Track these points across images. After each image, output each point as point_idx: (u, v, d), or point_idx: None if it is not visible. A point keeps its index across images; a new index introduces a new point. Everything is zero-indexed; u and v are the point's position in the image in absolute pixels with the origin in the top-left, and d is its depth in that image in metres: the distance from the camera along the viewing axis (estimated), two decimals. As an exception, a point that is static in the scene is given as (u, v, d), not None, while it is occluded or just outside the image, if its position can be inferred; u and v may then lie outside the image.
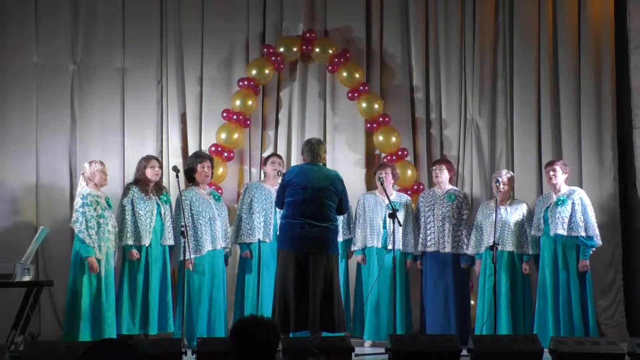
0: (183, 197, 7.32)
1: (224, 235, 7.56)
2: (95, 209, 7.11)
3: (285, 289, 6.74)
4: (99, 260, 7.08)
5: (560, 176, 7.54)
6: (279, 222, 7.14)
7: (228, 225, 7.66)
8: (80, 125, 8.30)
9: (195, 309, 7.36)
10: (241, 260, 7.71)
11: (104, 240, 7.12)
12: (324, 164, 7.16)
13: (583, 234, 7.43)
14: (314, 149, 6.95)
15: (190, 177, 7.57)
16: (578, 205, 7.46)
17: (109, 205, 7.26)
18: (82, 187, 7.25)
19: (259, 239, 7.61)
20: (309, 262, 6.72)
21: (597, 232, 7.51)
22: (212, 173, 7.66)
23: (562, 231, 7.41)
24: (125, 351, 3.10)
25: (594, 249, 7.54)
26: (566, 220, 7.42)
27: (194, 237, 7.37)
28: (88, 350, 3.08)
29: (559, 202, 7.46)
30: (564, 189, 7.56)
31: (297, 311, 6.67)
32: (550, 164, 7.69)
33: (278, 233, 7.05)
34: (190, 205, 7.40)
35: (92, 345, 3.12)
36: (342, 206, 7.03)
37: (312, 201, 6.75)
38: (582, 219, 7.44)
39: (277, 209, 7.30)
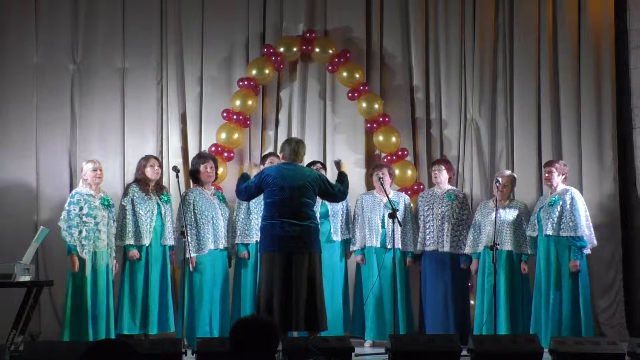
0: (187, 197, 7.34)
1: (227, 236, 7.57)
2: (81, 208, 7.11)
3: (269, 291, 6.71)
4: (83, 260, 7.07)
5: (556, 176, 7.52)
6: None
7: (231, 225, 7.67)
8: (80, 125, 8.30)
9: (196, 308, 7.36)
10: (238, 260, 7.71)
11: (91, 239, 7.11)
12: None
13: (572, 234, 7.40)
14: (295, 148, 6.93)
15: (195, 178, 7.60)
16: (568, 205, 7.42)
17: (106, 205, 7.24)
18: (78, 187, 7.28)
19: (256, 241, 7.61)
20: (292, 262, 6.71)
21: (587, 232, 7.46)
22: (216, 174, 7.67)
23: (550, 231, 7.40)
24: (127, 352, 3.09)
25: (586, 248, 7.50)
26: (556, 221, 7.41)
27: (196, 237, 7.38)
28: (89, 351, 3.07)
29: (551, 202, 7.46)
30: (560, 188, 7.56)
31: (282, 312, 6.65)
32: (548, 164, 7.69)
33: (259, 235, 7.04)
34: (194, 204, 7.42)
35: (93, 345, 3.11)
36: (329, 194, 6.93)
37: (291, 201, 6.74)
38: (572, 219, 7.41)
39: (241, 200, 7.34)
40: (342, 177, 7.19)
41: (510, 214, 7.62)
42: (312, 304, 6.71)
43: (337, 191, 7.00)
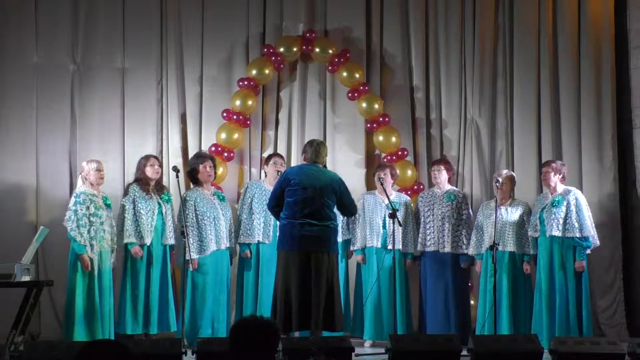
0: (187, 198, 7.34)
1: (228, 236, 7.57)
2: (87, 208, 7.11)
3: (287, 290, 6.74)
4: (91, 259, 7.08)
5: (552, 176, 7.52)
6: (278, 222, 7.11)
7: (232, 225, 7.67)
8: (80, 125, 8.29)
9: (199, 309, 7.36)
10: (240, 260, 7.72)
11: (97, 239, 7.11)
12: (324, 166, 7.17)
13: (578, 235, 7.42)
14: (318, 150, 6.98)
15: (194, 178, 7.59)
16: (573, 206, 7.44)
17: (107, 205, 7.25)
18: (79, 186, 7.27)
19: (258, 240, 7.62)
20: (311, 262, 6.74)
21: (592, 232, 7.49)
22: (215, 173, 7.67)
23: (557, 232, 7.41)
24: (119, 351, 3.08)
25: (590, 249, 7.53)
26: (561, 221, 7.41)
27: (199, 237, 7.37)
28: (81, 351, 3.05)
29: (555, 203, 7.46)
30: (560, 189, 7.55)
31: (300, 311, 6.68)
32: (545, 164, 7.70)
33: (278, 234, 7.05)
34: (195, 205, 7.41)
35: (85, 346, 3.09)
36: (345, 204, 6.98)
37: (312, 201, 6.77)
38: (577, 220, 7.42)
39: (272, 209, 7.06)
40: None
41: (512, 214, 7.61)
42: (331, 304, 6.75)
43: (351, 202, 7.03)
